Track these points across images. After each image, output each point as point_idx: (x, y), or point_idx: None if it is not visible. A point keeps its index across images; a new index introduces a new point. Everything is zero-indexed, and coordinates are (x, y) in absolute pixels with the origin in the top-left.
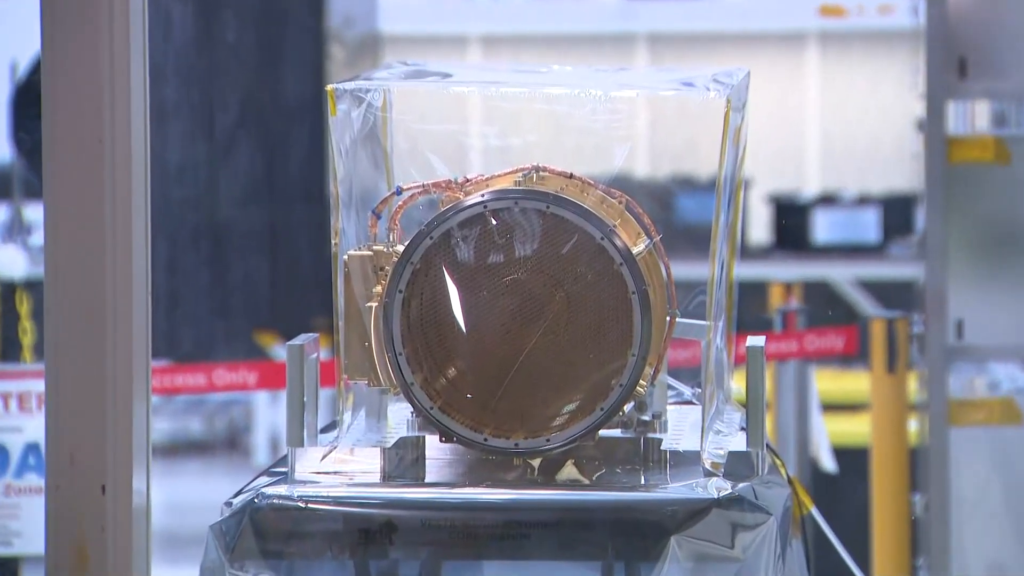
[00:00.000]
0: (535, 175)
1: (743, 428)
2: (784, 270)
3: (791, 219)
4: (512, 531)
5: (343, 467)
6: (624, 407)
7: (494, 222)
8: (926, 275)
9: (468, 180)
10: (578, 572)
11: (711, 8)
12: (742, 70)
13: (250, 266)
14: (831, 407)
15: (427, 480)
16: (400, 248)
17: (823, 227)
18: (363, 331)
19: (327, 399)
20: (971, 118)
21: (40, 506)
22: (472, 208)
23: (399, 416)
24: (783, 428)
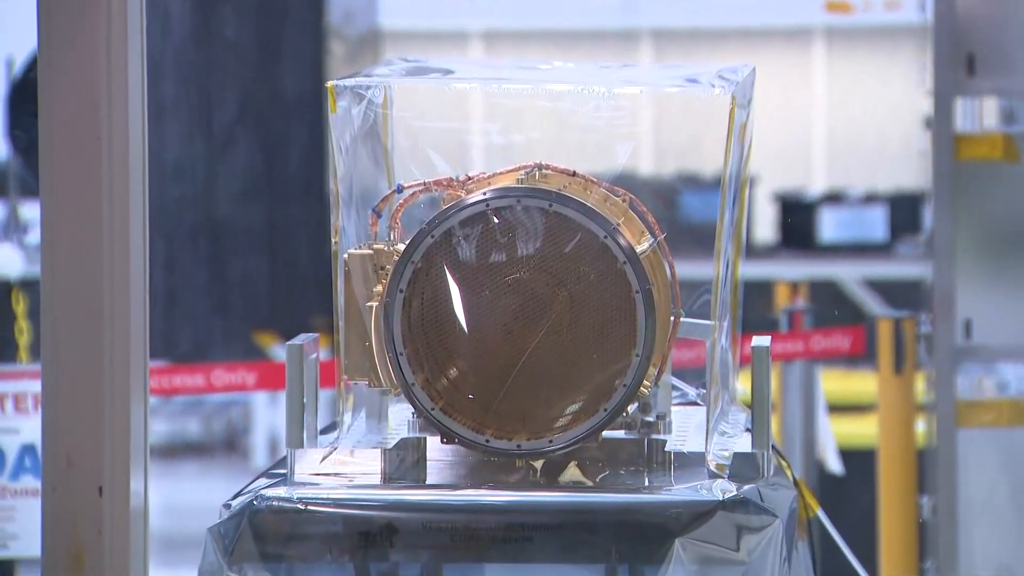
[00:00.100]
0: (537, 173)
1: (748, 429)
2: (790, 269)
3: (797, 217)
4: (514, 534)
5: (343, 469)
6: (628, 408)
7: (496, 220)
8: (934, 274)
9: (470, 178)
10: (581, 575)
11: (716, 4)
12: (747, 66)
13: (249, 265)
14: (838, 408)
15: (428, 482)
16: (401, 247)
17: (829, 226)
18: (363, 331)
19: (327, 400)
20: (979, 115)
21: (36, 508)
22: (474, 206)
23: (400, 417)
24: (789, 429)
